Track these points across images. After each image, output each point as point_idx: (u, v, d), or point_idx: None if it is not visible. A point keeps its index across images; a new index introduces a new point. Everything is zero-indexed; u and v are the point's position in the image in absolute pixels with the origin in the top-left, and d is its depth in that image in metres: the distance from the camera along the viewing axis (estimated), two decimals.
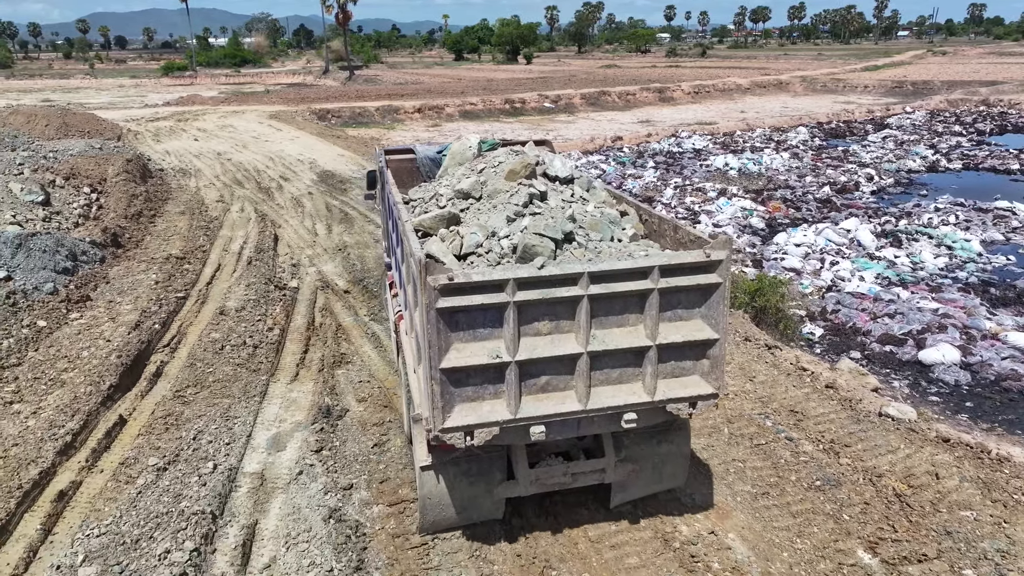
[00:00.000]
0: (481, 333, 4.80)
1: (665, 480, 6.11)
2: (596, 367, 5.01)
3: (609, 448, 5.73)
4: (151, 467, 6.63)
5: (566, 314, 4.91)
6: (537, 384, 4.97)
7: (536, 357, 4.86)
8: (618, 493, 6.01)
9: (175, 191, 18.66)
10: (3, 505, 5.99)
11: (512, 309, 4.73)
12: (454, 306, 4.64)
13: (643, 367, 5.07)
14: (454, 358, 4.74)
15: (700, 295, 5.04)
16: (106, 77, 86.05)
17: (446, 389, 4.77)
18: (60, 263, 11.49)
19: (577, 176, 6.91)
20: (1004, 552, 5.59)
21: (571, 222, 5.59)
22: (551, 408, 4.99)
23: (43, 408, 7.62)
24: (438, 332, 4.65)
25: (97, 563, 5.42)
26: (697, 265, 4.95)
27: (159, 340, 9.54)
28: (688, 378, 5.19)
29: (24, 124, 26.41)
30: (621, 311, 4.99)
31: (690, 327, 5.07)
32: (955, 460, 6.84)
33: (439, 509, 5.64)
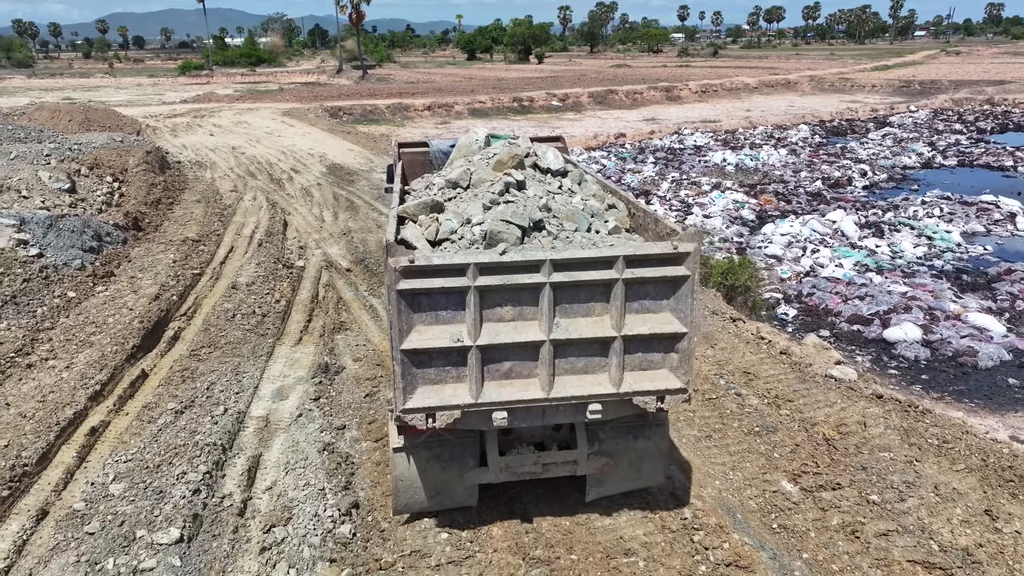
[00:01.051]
0: (443, 316, 4.85)
1: (643, 477, 6.02)
2: (560, 356, 5.00)
3: (582, 440, 5.66)
4: (170, 410, 7.56)
5: (529, 301, 4.91)
6: (500, 370, 4.98)
7: (498, 343, 4.88)
8: (594, 487, 5.96)
9: (191, 182, 19.68)
10: (44, 438, 6.94)
11: (473, 294, 4.76)
12: (415, 288, 4.71)
13: (609, 358, 5.02)
14: (416, 340, 4.81)
15: (668, 287, 4.96)
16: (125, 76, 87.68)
17: (408, 370, 4.84)
18: (87, 243, 12.49)
19: (570, 169, 6.99)
20: (910, 483, 6.39)
21: (545, 211, 5.61)
22: (513, 395, 4.99)
23: (75, 364, 8.57)
24: (399, 313, 4.73)
25: (125, 481, 6.35)
26: (664, 257, 4.88)
27: (177, 309, 10.50)
28: (656, 372, 5.13)
29: (49, 120, 27.61)
30: (586, 300, 4.96)
31: (658, 320, 5.01)
32: (884, 413, 7.63)
33: (412, 491, 5.70)
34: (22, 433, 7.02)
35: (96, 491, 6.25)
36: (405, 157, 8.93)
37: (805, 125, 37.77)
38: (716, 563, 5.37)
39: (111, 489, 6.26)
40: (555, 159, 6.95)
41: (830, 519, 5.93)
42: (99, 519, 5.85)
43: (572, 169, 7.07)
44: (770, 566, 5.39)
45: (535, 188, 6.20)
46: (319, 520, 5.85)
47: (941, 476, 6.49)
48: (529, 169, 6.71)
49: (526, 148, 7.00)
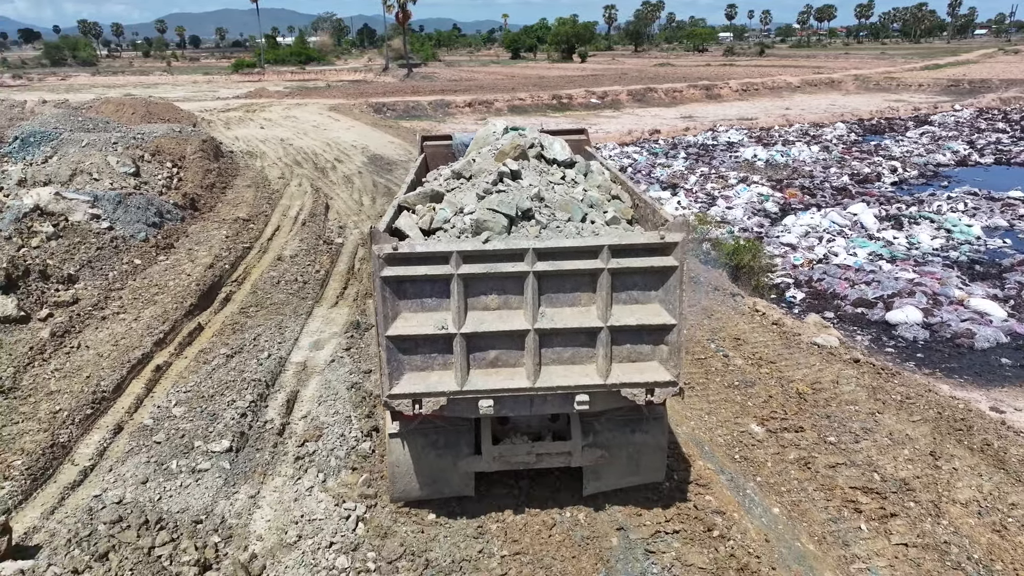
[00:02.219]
0: (428, 304, 4.86)
1: (642, 472, 5.94)
2: (547, 345, 4.99)
3: (576, 432, 5.61)
4: (222, 354, 8.74)
5: (514, 290, 4.89)
6: (486, 358, 4.97)
7: (483, 331, 4.88)
8: (591, 481, 5.90)
9: (242, 169, 21.12)
10: (118, 372, 8.16)
11: (457, 281, 4.77)
12: (400, 275, 4.75)
13: (596, 349, 4.99)
14: (401, 326, 4.83)
15: (656, 278, 4.91)
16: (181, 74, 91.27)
17: (394, 356, 4.87)
18: (150, 219, 13.87)
19: (577, 160, 7.07)
20: (867, 429, 7.14)
21: (537, 201, 5.58)
22: (500, 383, 4.97)
23: (141, 317, 9.84)
24: (384, 300, 4.77)
25: (185, 406, 7.52)
26: (651, 247, 4.83)
27: (229, 276, 11.74)
28: (645, 363, 5.06)
29: (114, 112, 29.55)
30: (572, 290, 4.93)
31: (646, 311, 4.95)
32: (857, 374, 8.35)
33: (407, 478, 5.72)
34: (100, 368, 8.27)
35: (161, 412, 7.43)
36: (428, 150, 9.04)
37: (842, 123, 37.73)
38: (680, 481, 6.23)
39: (174, 411, 7.43)
40: (561, 150, 7.00)
41: (787, 454, 6.74)
42: (164, 432, 7.02)
43: (579, 160, 7.11)
44: (726, 485, 6.24)
45: (531, 178, 6.15)
46: (344, 439, 6.91)
47: (897, 425, 7.22)
48: (534, 160, 6.74)
49: (531, 139, 7.06)
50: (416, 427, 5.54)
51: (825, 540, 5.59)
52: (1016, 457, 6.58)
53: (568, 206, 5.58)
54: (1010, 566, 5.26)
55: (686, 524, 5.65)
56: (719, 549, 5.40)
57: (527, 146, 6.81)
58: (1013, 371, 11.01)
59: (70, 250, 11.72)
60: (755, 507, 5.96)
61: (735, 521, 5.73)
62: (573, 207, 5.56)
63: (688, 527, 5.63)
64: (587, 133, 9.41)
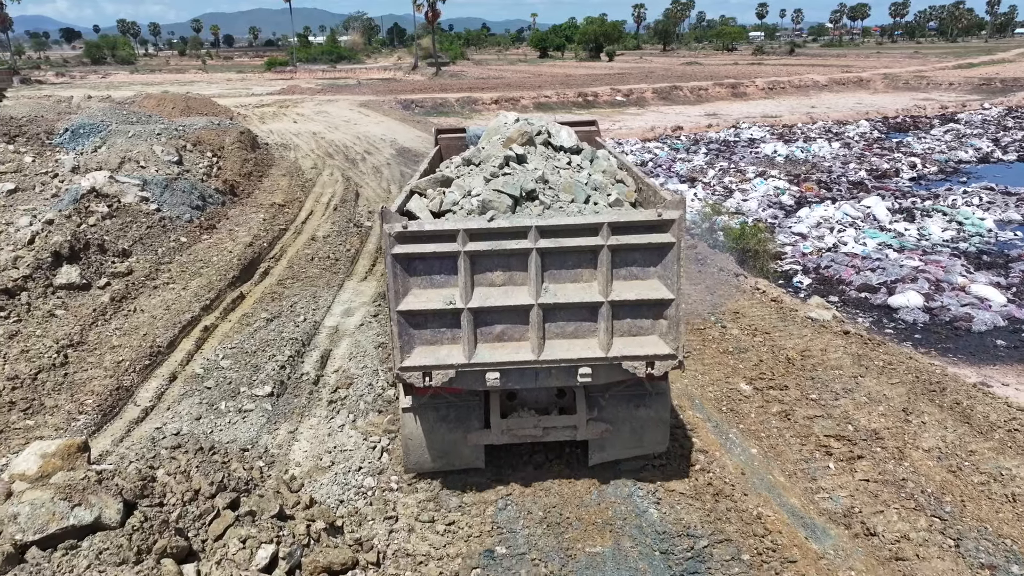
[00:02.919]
0: (437, 280, 5.06)
1: (646, 445, 6.15)
2: (550, 320, 5.16)
3: (581, 406, 5.78)
4: (262, 318, 9.66)
5: (518, 266, 5.06)
6: (492, 332, 5.17)
7: (489, 306, 5.08)
8: (596, 452, 6.11)
9: (277, 160, 22.19)
10: (170, 331, 9.12)
11: (464, 259, 4.96)
12: (410, 253, 4.97)
13: (598, 323, 5.15)
14: (411, 302, 5.05)
15: (655, 254, 5.06)
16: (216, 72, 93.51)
17: (405, 331, 5.10)
18: (194, 202, 14.91)
19: (581, 147, 7.38)
20: (848, 389, 7.79)
21: (542, 183, 5.77)
22: (505, 356, 5.16)
23: (189, 287, 10.81)
24: (395, 276, 4.99)
25: (231, 359, 8.43)
26: (649, 224, 5.00)
27: (267, 253, 12.72)
28: (646, 337, 5.22)
29: (155, 107, 30.90)
30: (574, 266, 5.10)
31: (645, 286, 5.12)
32: (846, 344, 8.99)
33: (420, 451, 5.95)
34: (155, 328, 9.23)
35: (210, 364, 8.36)
36: (443, 141, 9.40)
37: (866, 121, 37.84)
38: (672, 427, 6.95)
39: (221, 363, 8.35)
40: (568, 137, 7.32)
41: (770, 407, 7.43)
42: (213, 380, 7.94)
43: (586, 147, 7.43)
44: (711, 430, 6.95)
45: (536, 162, 6.36)
46: (372, 387, 7.76)
47: (876, 387, 7.85)
48: (541, 147, 7.00)
49: (538, 127, 7.37)
50: (428, 401, 5.76)
51: (795, 475, 6.28)
52: (981, 414, 7.18)
53: (572, 188, 5.80)
54: (958, 499, 5.90)
55: (671, 459, 6.38)
56: (699, 479, 6.13)
57: (534, 133, 7.11)
58: (1007, 351, 11.50)
59: (123, 228, 12.75)
60: (735, 448, 6.68)
61: (716, 458, 6.45)
62: (576, 189, 5.79)
63: (673, 462, 6.36)
64: (598, 125, 9.85)
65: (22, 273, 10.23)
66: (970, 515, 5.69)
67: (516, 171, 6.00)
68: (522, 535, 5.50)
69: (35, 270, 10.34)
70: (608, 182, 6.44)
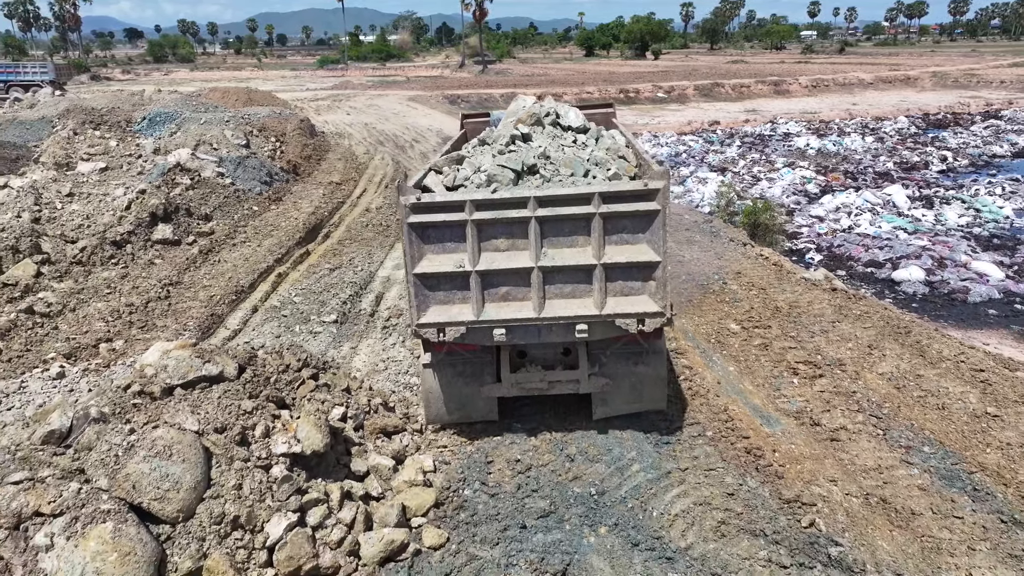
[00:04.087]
0: (448, 246, 5.55)
1: (645, 401, 6.59)
2: (549, 282, 5.63)
3: (583, 361, 6.24)
4: (326, 268, 11.34)
5: (520, 234, 5.54)
6: (498, 293, 5.66)
7: (495, 269, 5.56)
8: (599, 406, 6.56)
9: (333, 146, 24.07)
10: (250, 276, 10.86)
11: (471, 226, 5.46)
12: (423, 222, 5.50)
13: (592, 284, 5.61)
14: (426, 265, 5.58)
15: (643, 221, 5.48)
16: (271, 70, 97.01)
17: (420, 291, 5.63)
18: (262, 178, 16.77)
19: (588, 127, 7.99)
20: (824, 330, 9.03)
21: (543, 159, 6.24)
22: (510, 314, 5.66)
23: (263, 245, 12.58)
24: (411, 243, 5.53)
25: (301, 297, 10.12)
26: (637, 193, 5.43)
27: (327, 220, 14.46)
28: (636, 297, 5.66)
29: (220, 99, 33.22)
30: (570, 233, 5.56)
31: (634, 250, 5.55)
32: (831, 298, 10.19)
33: (438, 404, 6.45)
34: (237, 273, 10.98)
35: (285, 299, 10.05)
36: (468, 125, 10.18)
37: (905, 117, 38.11)
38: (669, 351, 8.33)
39: (294, 299, 10.04)
40: (575, 117, 7.91)
41: (753, 340, 8.73)
42: (288, 310, 9.62)
43: (592, 127, 8.05)
44: (698, 353, 8.31)
45: (540, 140, 6.86)
46: None
47: (850, 329, 9.07)
48: (549, 127, 7.60)
49: (547, 108, 8.01)
50: (445, 358, 6.29)
51: (762, 386, 7.60)
52: (936, 350, 8.36)
53: (572, 163, 6.25)
54: (896, 406, 7.13)
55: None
56: (680, 385, 7.50)
57: (543, 114, 7.69)
58: (996, 319, 12.49)
59: (204, 197, 14.64)
60: (716, 366, 8.02)
61: (698, 372, 7.81)
62: (576, 164, 6.24)
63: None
64: (614, 107, 10.62)
65: (126, 229, 12.13)
66: (903, 417, 6.94)
67: (520, 148, 6.62)
68: (535, 418, 6.94)
69: (136, 227, 12.24)
70: (610, 158, 6.87)
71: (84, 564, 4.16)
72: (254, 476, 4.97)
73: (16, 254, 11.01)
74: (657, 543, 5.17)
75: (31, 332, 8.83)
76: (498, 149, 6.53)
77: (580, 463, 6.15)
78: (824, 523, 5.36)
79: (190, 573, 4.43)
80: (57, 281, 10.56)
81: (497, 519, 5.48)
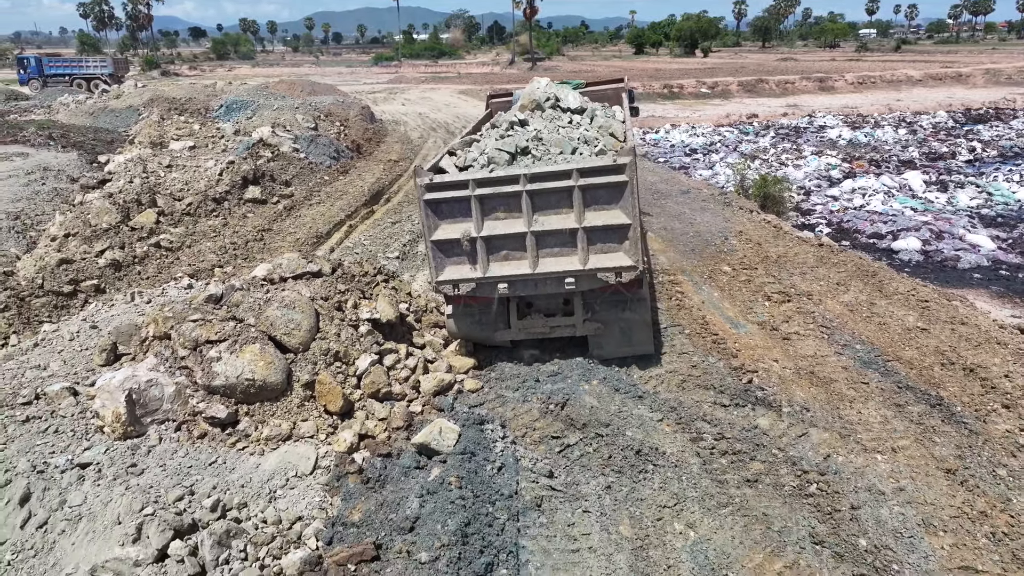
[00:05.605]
0: (457, 218, 6.64)
1: (635, 345, 7.57)
2: (541, 243, 6.68)
3: (578, 309, 7.38)
4: (388, 222, 13.55)
5: (515, 206, 6.56)
6: (500, 254, 6.74)
7: (496, 234, 6.63)
8: (595, 349, 7.63)
9: (390, 131, 26.45)
10: (327, 226, 13.14)
11: (475, 201, 6.50)
12: (436, 199, 6.58)
13: (576, 244, 6.63)
14: (440, 234, 6.73)
15: (615, 191, 6.44)
16: (327, 66, 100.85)
17: (437, 255, 6.79)
18: (331, 154, 19.13)
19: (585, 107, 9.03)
20: (803, 273, 10.74)
21: (536, 141, 7.22)
22: (510, 271, 6.76)
23: (335, 205, 14.88)
24: (427, 216, 6.65)
25: (369, 240, 12.33)
26: (608, 168, 6.42)
27: (388, 188, 16.71)
28: (613, 254, 6.67)
29: (287, 89, 36.00)
30: (556, 203, 6.56)
31: (610, 215, 6.53)
32: (816, 250, 11.88)
33: None
34: (316, 224, 13.29)
35: (356, 242, 12.29)
36: (493, 104, 11.28)
37: (944, 112, 38.63)
38: (662, 283, 10.20)
39: (363, 242, 12.27)
40: (574, 100, 9.04)
41: (739, 277, 10.52)
42: (359, 248, 11.83)
43: (588, 107, 9.09)
44: (690, 283, 10.16)
45: (536, 123, 7.98)
46: None
47: (825, 272, 10.78)
48: (550, 109, 8.80)
49: (547, 93, 9.23)
50: (463, 309, 7.53)
51: (739, 306, 9.42)
52: (892, 287, 10.03)
53: (560, 143, 7.24)
54: (845, 322, 8.86)
55: (662, 297, 9.64)
56: (672, 303, 9.38)
57: (543, 99, 8.97)
58: (979, 282, 13.87)
59: (283, 167, 17.03)
60: (702, 291, 9.88)
61: (688, 296, 9.68)
62: (565, 144, 7.25)
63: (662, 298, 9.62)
64: (625, 81, 11.76)
65: (224, 189, 14.55)
66: (848, 328, 8.68)
67: (516, 132, 7.83)
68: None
69: (231, 188, 14.66)
70: (600, 136, 7.84)
71: (243, 367, 6.32)
72: (347, 330, 7.09)
73: (139, 206, 13.49)
74: (632, 389, 7.11)
75: (161, 260, 11.24)
76: (499, 134, 7.81)
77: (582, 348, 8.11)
78: (759, 381, 7.21)
79: (308, 383, 6.55)
80: (172, 227, 12.99)
81: (518, 377, 7.49)
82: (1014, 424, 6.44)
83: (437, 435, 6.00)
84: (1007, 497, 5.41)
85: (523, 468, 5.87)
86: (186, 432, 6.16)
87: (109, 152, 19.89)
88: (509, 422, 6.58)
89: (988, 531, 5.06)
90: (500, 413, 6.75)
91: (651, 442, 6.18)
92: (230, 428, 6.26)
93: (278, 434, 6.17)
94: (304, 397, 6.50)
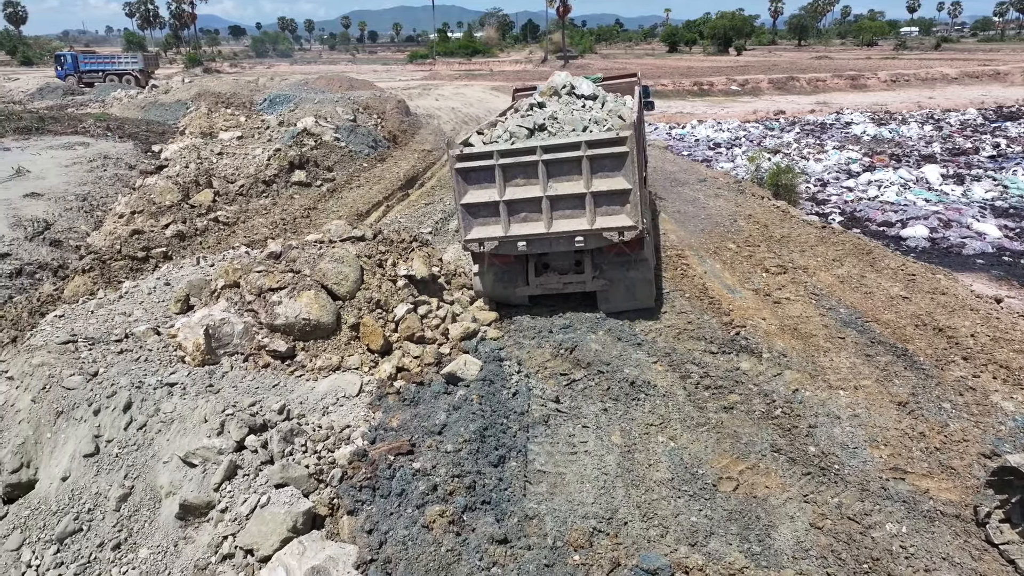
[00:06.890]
0: (484, 184, 7.68)
1: (638, 299, 8.62)
2: (554, 207, 7.65)
3: (588, 267, 8.38)
4: (422, 203, 14.74)
5: (532, 174, 7.56)
6: (519, 216, 7.75)
7: (516, 198, 7.65)
8: (603, 303, 8.64)
9: (424, 124, 27.70)
10: (367, 206, 14.36)
11: (498, 169, 7.55)
12: (466, 167, 7.66)
13: (585, 207, 7.59)
14: (469, 198, 7.79)
15: (618, 160, 7.40)
16: (363, 64, 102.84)
17: (466, 217, 7.89)
18: (369, 143, 20.41)
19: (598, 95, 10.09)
20: (802, 251, 11.60)
21: (552, 120, 8.34)
22: (528, 230, 7.78)
23: (374, 188, 16.11)
24: (458, 182, 7.75)
25: (405, 218, 13.53)
26: (611, 140, 7.36)
27: (422, 175, 17.94)
28: (617, 216, 7.64)
29: (326, 84, 37.54)
30: (567, 171, 7.51)
31: (614, 181, 7.49)
32: (819, 232, 12.73)
33: None
34: (357, 204, 14.52)
35: (393, 219, 13.48)
36: (518, 97, 12.41)
37: (975, 109, 38.65)
38: (670, 257, 11.17)
39: (399, 219, 13.44)
40: (588, 88, 10.17)
41: (742, 253, 11.45)
42: (397, 223, 13.01)
43: (600, 94, 10.24)
44: (695, 257, 11.11)
45: (553, 106, 9.11)
46: None
47: (824, 250, 11.64)
48: (566, 96, 9.89)
49: (564, 81, 10.39)
50: (488, 268, 8.57)
51: (738, 276, 10.36)
52: (884, 263, 10.88)
53: (573, 122, 8.36)
54: (834, 291, 9.75)
55: (667, 268, 10.63)
56: (675, 271, 10.36)
57: (560, 87, 10.18)
58: (980, 267, 14.56)
59: (326, 154, 18.34)
60: (706, 264, 10.84)
61: (692, 267, 10.64)
62: (577, 122, 8.32)
63: (668, 269, 10.61)
64: (638, 75, 13.26)
65: (272, 173, 15.89)
66: (835, 295, 9.59)
67: (535, 113, 9.10)
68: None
69: (279, 172, 15.99)
70: (609, 118, 8.81)
71: (300, 309, 7.50)
72: (387, 283, 8.25)
73: (197, 186, 14.87)
74: (633, 338, 8.14)
75: (220, 232, 12.57)
76: (521, 115, 9.04)
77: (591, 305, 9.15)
78: (746, 334, 8.19)
79: (354, 325, 7.71)
80: (227, 205, 14.34)
81: (534, 328, 8.56)
82: (968, 372, 7.33)
83: (462, 366, 7.13)
84: (946, 423, 6.34)
85: (534, 395, 6.95)
86: (252, 362, 7.37)
87: (162, 142, 21.47)
88: (524, 361, 7.67)
89: (923, 447, 6.00)
90: (517, 355, 7.84)
91: (645, 378, 7.21)
92: (289, 360, 7.45)
93: (329, 365, 7.35)
94: (351, 336, 7.66)
